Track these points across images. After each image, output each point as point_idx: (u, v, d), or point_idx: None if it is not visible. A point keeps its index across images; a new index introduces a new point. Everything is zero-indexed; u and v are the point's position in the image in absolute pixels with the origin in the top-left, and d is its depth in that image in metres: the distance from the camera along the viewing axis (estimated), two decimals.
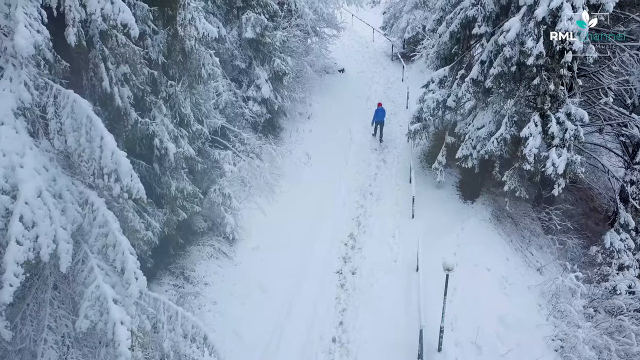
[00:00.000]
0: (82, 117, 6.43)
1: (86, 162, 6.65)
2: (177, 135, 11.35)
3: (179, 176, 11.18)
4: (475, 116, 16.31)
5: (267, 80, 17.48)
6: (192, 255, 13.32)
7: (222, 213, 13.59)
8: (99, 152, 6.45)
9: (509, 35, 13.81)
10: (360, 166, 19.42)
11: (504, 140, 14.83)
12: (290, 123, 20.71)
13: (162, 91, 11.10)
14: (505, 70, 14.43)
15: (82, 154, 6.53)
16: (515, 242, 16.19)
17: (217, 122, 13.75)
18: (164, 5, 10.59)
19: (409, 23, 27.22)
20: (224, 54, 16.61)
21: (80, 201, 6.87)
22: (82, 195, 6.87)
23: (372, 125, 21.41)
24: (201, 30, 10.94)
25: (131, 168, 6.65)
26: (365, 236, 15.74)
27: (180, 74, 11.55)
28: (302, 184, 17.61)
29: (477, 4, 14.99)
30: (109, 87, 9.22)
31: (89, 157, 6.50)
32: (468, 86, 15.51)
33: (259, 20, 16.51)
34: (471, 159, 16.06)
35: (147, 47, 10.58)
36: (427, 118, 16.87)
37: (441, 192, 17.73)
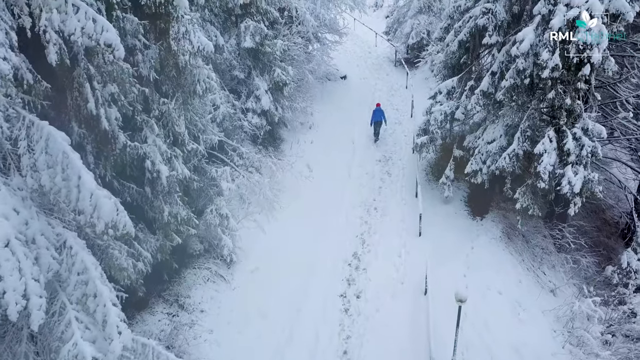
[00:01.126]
0: (58, 153, 5.69)
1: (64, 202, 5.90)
2: (171, 155, 10.61)
3: (172, 200, 10.44)
4: (485, 129, 15.55)
5: (267, 91, 16.74)
6: (187, 280, 12.58)
7: (219, 235, 12.85)
8: (76, 193, 5.71)
9: (523, 47, 13.05)
10: (363, 179, 18.68)
11: (516, 156, 14.07)
12: (291, 134, 19.96)
13: (154, 109, 10.36)
14: (517, 82, 13.67)
15: (58, 193, 5.78)
16: (527, 262, 15.44)
17: (214, 139, 13.00)
18: (156, 18, 9.83)
19: (413, 28, 26.45)
20: (222, 64, 15.87)
21: (57, 244, 6.13)
22: (60, 237, 6.13)
23: (370, 125, 21.02)
24: (196, 44, 10.19)
25: (114, 209, 5.91)
26: (370, 256, 15.00)
27: (174, 90, 10.81)
28: (304, 198, 16.87)
29: (488, 12, 14.24)
30: (94, 108, 8.48)
31: (65, 197, 5.74)
32: (478, 98, 14.76)
33: (259, 28, 15.77)
34: (481, 175, 15.31)
35: (137, 63, 9.84)
36: (434, 131, 16.12)
37: (449, 207, 16.98)
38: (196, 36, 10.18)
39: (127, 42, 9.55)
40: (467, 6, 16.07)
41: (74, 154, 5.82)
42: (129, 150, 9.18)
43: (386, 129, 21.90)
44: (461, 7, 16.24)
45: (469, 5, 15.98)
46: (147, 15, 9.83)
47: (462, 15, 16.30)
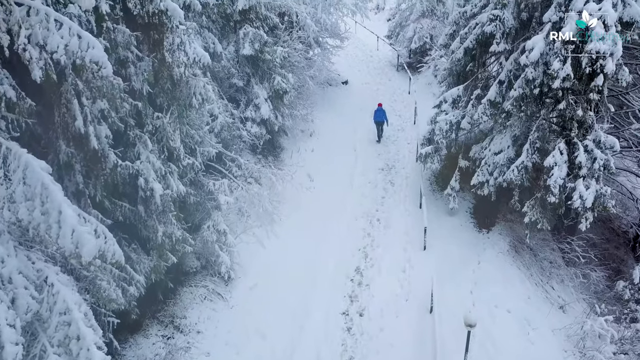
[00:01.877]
0: (37, 184, 5.20)
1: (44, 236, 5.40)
2: (166, 172, 10.11)
3: (167, 220, 9.93)
4: (492, 140, 15.05)
5: (267, 99, 16.24)
6: (183, 299, 12.08)
7: (217, 251, 12.35)
8: (56, 229, 5.21)
9: (532, 55, 12.56)
10: (366, 188, 18.17)
11: (525, 168, 13.58)
12: (292, 142, 19.46)
13: (147, 124, 9.86)
14: (526, 92, 13.17)
15: (37, 228, 5.28)
16: (536, 276, 14.93)
17: (211, 151, 12.51)
18: (149, 28, 9.34)
19: (415, 32, 25.92)
20: (220, 72, 15.37)
21: (37, 282, 5.63)
22: (41, 273, 5.64)
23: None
24: (192, 56, 9.69)
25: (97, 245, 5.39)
26: (373, 270, 14.50)
27: (169, 103, 10.31)
28: (305, 209, 16.37)
29: (496, 19, 13.73)
30: (83, 126, 8.00)
31: (45, 232, 5.24)
32: (485, 108, 14.26)
33: (258, 35, 15.27)
34: (487, 186, 14.82)
35: (129, 76, 9.35)
36: (439, 141, 15.62)
37: (454, 219, 16.47)
38: (192, 47, 9.68)
39: (118, 54, 9.06)
40: (473, 12, 15.58)
41: (54, 185, 5.33)
42: (120, 170, 8.67)
43: (389, 137, 21.43)
44: (467, 13, 15.75)
45: (475, 12, 15.49)
46: (140, 25, 9.35)
47: (467, 21, 15.81)
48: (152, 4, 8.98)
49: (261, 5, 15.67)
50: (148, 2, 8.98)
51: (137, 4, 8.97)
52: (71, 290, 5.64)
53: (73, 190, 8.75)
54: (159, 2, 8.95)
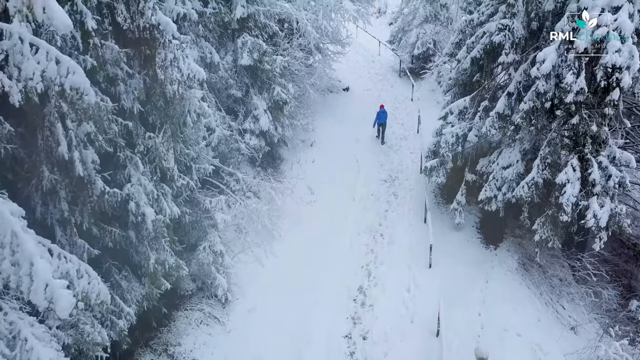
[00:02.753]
0: (6, 232, 4.65)
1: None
2: (158, 195, 9.53)
3: (159, 246, 9.36)
4: (500, 153, 14.48)
5: (266, 110, 15.66)
6: (178, 325, 11.51)
7: (213, 273, 11.79)
8: (27, 282, 4.66)
9: (544, 68, 11.98)
10: (368, 201, 17.59)
11: (535, 184, 13.00)
12: (292, 153, 18.88)
13: (139, 144, 9.29)
14: (537, 105, 12.61)
15: (7, 279, 4.71)
16: (545, 295, 14.36)
17: (207, 168, 11.93)
18: (140, 44, 8.78)
19: (418, 38, 25.34)
20: (217, 82, 14.79)
21: (10, 335, 5.06)
22: (13, 327, 5.06)
23: (373, 127, 21.14)
24: (186, 72, 9.11)
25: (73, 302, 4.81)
26: (377, 290, 13.92)
27: (162, 121, 9.73)
28: (305, 224, 15.79)
29: (505, 29, 13.16)
30: (67, 151, 7.43)
31: (16, 285, 4.68)
32: (493, 121, 13.70)
33: (257, 44, 14.69)
34: (495, 202, 14.25)
35: (119, 95, 8.78)
36: (445, 154, 15.03)
37: (460, 234, 15.90)
38: (186, 62, 9.11)
39: (107, 72, 8.49)
40: (480, 20, 15.01)
41: (26, 233, 4.78)
42: (108, 198, 8.10)
43: (392, 146, 20.87)
44: (474, 21, 15.18)
45: (483, 20, 14.92)
46: (131, 40, 8.79)
47: (474, 29, 15.24)
48: (143, 18, 8.42)
49: (260, 13, 15.10)
50: (138, 16, 8.43)
51: (126, 18, 8.42)
52: (47, 346, 5.08)
53: (58, 217, 8.20)
54: (150, 16, 8.39)
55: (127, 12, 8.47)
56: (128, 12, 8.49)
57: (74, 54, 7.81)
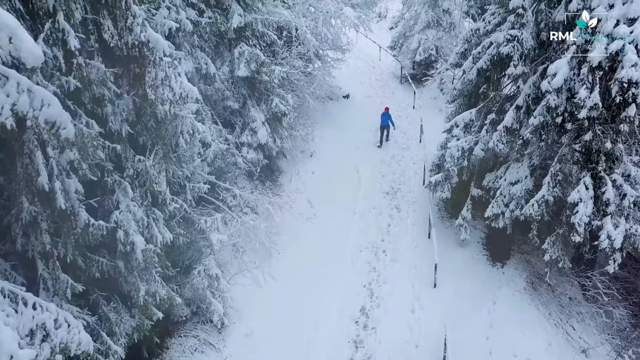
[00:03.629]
0: None
1: None
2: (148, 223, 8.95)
3: (150, 277, 8.78)
4: (507, 168, 13.92)
5: (264, 122, 15.08)
6: (171, 353, 10.93)
7: (209, 298, 11.21)
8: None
9: (556, 81, 11.42)
10: (370, 215, 17.02)
11: (546, 202, 12.44)
12: (291, 164, 18.31)
13: (128, 168, 8.71)
14: (547, 120, 12.06)
15: None
16: (555, 315, 13.80)
17: (202, 187, 11.36)
18: (129, 62, 8.21)
19: (420, 44, 24.75)
20: (213, 95, 14.21)
21: None
22: None
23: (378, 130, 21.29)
24: (178, 91, 8.54)
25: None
26: (380, 311, 13.35)
27: (153, 142, 9.16)
28: (304, 241, 15.21)
29: (513, 40, 12.59)
30: (47, 182, 6.84)
31: None
32: (501, 135, 13.14)
33: (254, 55, 14.11)
34: (503, 219, 13.70)
35: (106, 117, 8.20)
36: (450, 169, 14.47)
37: (465, 251, 15.34)
38: (178, 81, 8.53)
39: (93, 92, 7.91)
40: (486, 30, 14.45)
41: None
42: (93, 231, 7.52)
43: (394, 156, 20.31)
44: (480, 30, 14.61)
45: (489, 29, 14.36)
46: (119, 58, 8.22)
47: (480, 39, 14.68)
48: (132, 35, 7.85)
49: (258, 22, 14.52)
50: (127, 33, 7.85)
51: (114, 34, 7.84)
52: None
53: (40, 250, 7.61)
54: (139, 33, 7.81)
55: (114, 29, 7.90)
56: (115, 28, 7.92)
57: (56, 75, 7.23)
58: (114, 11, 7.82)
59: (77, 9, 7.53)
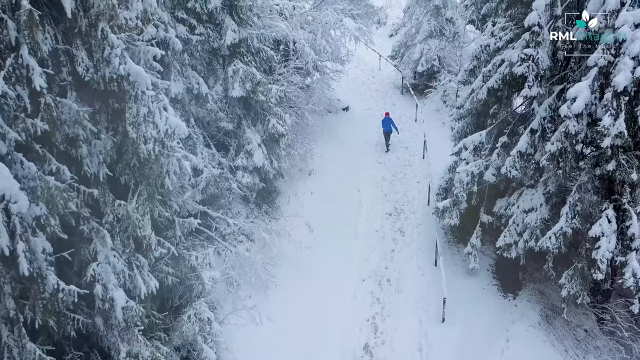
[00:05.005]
0: None
1: None
2: (133, 269, 8.02)
3: (132, 337, 7.84)
4: (520, 195, 13.03)
5: (260, 144, 14.14)
6: None
7: (200, 344, 10.26)
8: None
9: (576, 107, 10.53)
10: (373, 239, 16.11)
11: (563, 235, 11.56)
12: (288, 184, 17.38)
13: (107, 213, 7.76)
14: (566, 146, 11.17)
15: None
16: (571, 351, 12.90)
17: (193, 222, 10.43)
18: (107, 96, 7.28)
19: (422, 54, 23.83)
20: (206, 116, 13.26)
21: None
22: None
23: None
24: (163, 128, 7.61)
25: None
26: (385, 349, 12.48)
27: (136, 181, 8.21)
28: (304, 271, 14.27)
29: (528, 59, 11.66)
30: (8, 244, 5.89)
31: None
32: (514, 161, 12.23)
33: (250, 74, 13.18)
34: (516, 249, 12.83)
35: (80, 159, 7.25)
36: (459, 194, 13.57)
37: (475, 281, 14.44)
38: (163, 117, 7.60)
39: (65, 132, 6.96)
40: (497, 46, 13.55)
41: None
42: (63, 297, 6.57)
43: (396, 173, 19.42)
44: (490, 47, 13.71)
45: (500, 45, 13.46)
46: (96, 93, 7.27)
47: (490, 56, 13.79)
48: (109, 68, 6.92)
49: (253, 37, 13.59)
50: (104, 66, 6.92)
51: (88, 67, 6.93)
52: None
53: (3, 315, 6.66)
54: (117, 66, 6.88)
55: (89, 61, 6.98)
56: (91, 60, 6.99)
57: (20, 117, 6.28)
58: (89, 41, 6.90)
59: (47, 38, 6.60)
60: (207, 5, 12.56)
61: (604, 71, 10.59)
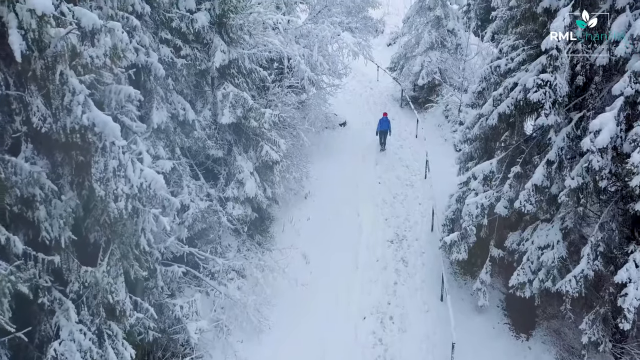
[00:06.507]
0: None
1: None
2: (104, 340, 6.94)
3: None
4: (535, 229, 12.04)
5: (253, 172, 13.08)
6: None
7: None
8: None
9: (600, 140, 9.53)
10: (374, 269, 15.06)
11: (584, 278, 10.56)
12: (283, 210, 16.32)
13: (72, 281, 6.67)
14: (588, 182, 10.17)
15: None
16: None
17: (177, 271, 9.37)
18: (70, 147, 6.18)
19: (423, 67, 22.80)
20: (193, 145, 12.18)
21: None
22: None
23: (376, 134, 20.91)
24: (137, 182, 6.54)
25: None
26: None
27: (108, 239, 7.13)
28: (299, 309, 13.19)
29: (545, 85, 10.65)
30: None
31: None
32: (529, 194, 11.23)
33: (241, 98, 12.10)
34: (530, 288, 11.83)
35: (38, 222, 6.16)
36: (467, 228, 12.56)
37: (484, 319, 13.44)
38: (137, 169, 6.52)
39: (17, 194, 5.88)
40: (508, 67, 12.55)
41: None
42: None
43: (397, 195, 18.39)
44: (500, 68, 12.72)
45: (512, 67, 12.47)
46: (57, 144, 6.17)
47: (501, 77, 12.80)
48: (71, 117, 5.86)
49: (244, 57, 12.52)
50: (64, 114, 5.86)
51: (45, 117, 5.84)
52: None
53: None
54: (80, 115, 5.81)
55: (46, 109, 5.88)
56: (48, 108, 5.91)
57: None
58: (46, 85, 5.80)
59: None
60: (194, 25, 11.48)
61: (630, 101, 9.61)
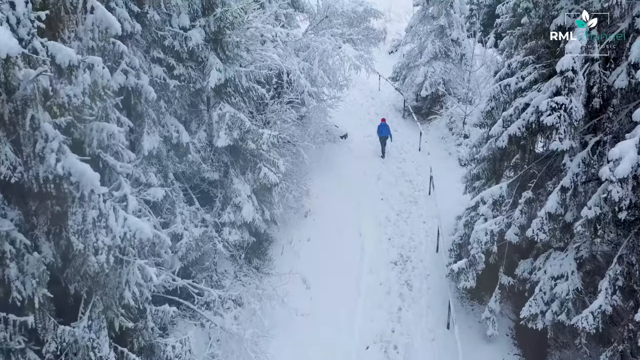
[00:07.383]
0: None
1: None
2: None
3: None
4: (547, 258, 11.43)
5: (250, 195, 12.46)
6: None
7: None
8: None
9: (621, 170, 8.88)
10: (377, 294, 14.43)
11: (602, 313, 9.94)
12: (282, 230, 15.70)
13: (48, 341, 6.05)
14: (606, 212, 9.55)
15: None
16: None
17: (169, 310, 8.77)
18: (44, 198, 5.56)
19: (426, 77, 22.17)
20: (187, 169, 11.56)
21: None
22: None
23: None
24: (120, 232, 5.91)
25: None
26: None
27: (90, 290, 6.51)
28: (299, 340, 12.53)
29: (560, 108, 10.05)
30: None
31: None
32: (542, 223, 10.63)
33: (237, 119, 11.48)
34: (542, 319, 11.22)
35: (9, 282, 5.53)
36: (476, 255, 11.95)
37: (493, 349, 12.83)
38: (120, 218, 5.90)
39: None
40: (519, 87, 11.95)
41: None
42: None
43: (400, 212, 17.77)
44: (510, 87, 12.12)
45: (523, 86, 11.87)
46: (30, 192, 5.55)
47: (511, 97, 12.20)
48: (43, 166, 5.22)
49: (241, 75, 11.91)
50: (36, 162, 5.22)
51: (14, 166, 5.20)
52: None
53: None
54: (53, 164, 5.21)
55: (16, 157, 5.26)
56: (19, 156, 5.29)
57: None
58: (15, 131, 5.18)
59: None
60: (188, 43, 10.87)
61: None
